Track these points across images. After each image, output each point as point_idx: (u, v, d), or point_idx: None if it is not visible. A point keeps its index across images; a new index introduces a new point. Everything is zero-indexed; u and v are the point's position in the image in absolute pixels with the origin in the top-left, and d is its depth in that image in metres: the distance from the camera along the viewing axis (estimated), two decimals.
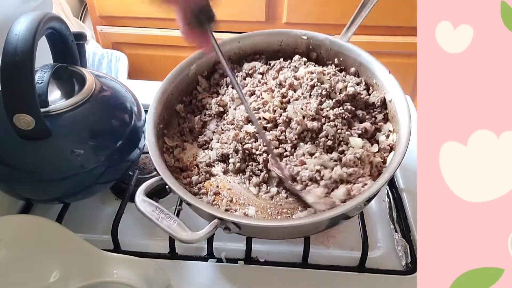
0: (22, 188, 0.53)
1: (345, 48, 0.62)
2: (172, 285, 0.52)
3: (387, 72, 0.57)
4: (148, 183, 0.50)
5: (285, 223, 0.48)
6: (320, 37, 0.64)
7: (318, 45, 0.65)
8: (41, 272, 0.50)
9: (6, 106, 0.46)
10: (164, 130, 0.60)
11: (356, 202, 0.46)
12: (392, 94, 0.56)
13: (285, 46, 0.67)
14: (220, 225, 0.46)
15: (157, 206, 0.46)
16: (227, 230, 0.48)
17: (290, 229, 0.49)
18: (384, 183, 0.47)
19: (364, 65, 0.60)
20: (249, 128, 0.56)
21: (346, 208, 0.46)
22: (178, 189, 0.49)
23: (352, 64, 0.62)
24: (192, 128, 0.61)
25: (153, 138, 0.55)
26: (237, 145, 0.55)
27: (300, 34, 0.65)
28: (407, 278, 0.53)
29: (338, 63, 0.64)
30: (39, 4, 0.68)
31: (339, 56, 0.63)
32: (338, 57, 0.63)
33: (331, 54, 0.64)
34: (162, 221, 0.45)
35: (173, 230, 0.44)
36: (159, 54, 1.52)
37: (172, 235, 0.44)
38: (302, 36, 0.65)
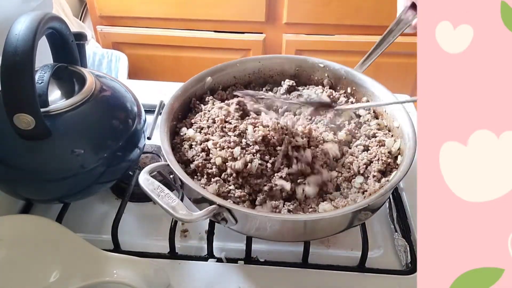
0: (22, 188, 0.53)
1: (358, 78, 0.67)
2: (172, 285, 0.52)
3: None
4: (154, 165, 0.52)
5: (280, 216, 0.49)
6: (336, 66, 0.69)
7: (333, 74, 0.69)
8: (41, 272, 0.50)
9: (6, 106, 0.46)
10: (176, 127, 0.62)
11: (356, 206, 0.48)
12: (400, 121, 0.59)
13: (301, 72, 0.72)
14: (217, 211, 0.47)
15: (159, 185, 0.48)
16: (224, 222, 0.48)
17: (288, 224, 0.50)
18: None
19: (375, 95, 0.64)
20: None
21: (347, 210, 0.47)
22: (182, 175, 0.50)
23: (364, 94, 0.66)
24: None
25: (165, 126, 0.57)
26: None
27: (317, 62, 0.70)
28: (407, 278, 0.53)
29: (350, 92, 0.68)
30: (39, 4, 0.68)
31: (352, 86, 0.68)
32: (351, 86, 0.68)
33: (345, 83, 0.69)
34: (162, 199, 0.47)
35: (172, 208, 0.46)
36: (159, 54, 1.52)
37: (170, 212, 0.45)
38: (319, 64, 0.70)
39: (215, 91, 0.68)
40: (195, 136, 0.58)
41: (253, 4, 1.41)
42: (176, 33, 1.48)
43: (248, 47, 1.50)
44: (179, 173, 0.51)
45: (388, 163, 0.56)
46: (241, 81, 0.71)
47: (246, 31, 1.49)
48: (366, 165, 0.56)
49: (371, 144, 0.59)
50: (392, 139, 0.59)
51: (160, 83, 0.89)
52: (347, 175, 0.56)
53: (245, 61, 0.71)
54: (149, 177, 0.49)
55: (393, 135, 0.61)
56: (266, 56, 0.73)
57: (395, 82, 1.50)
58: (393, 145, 0.58)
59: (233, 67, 0.70)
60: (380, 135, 0.60)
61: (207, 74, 0.67)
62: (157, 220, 0.61)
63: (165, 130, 0.57)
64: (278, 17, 1.45)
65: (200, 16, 1.45)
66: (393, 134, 0.61)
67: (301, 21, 1.44)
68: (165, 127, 0.57)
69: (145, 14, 1.46)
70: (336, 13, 1.41)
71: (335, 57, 1.44)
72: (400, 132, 0.59)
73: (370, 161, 0.57)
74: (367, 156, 0.57)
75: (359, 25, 1.43)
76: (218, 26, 1.48)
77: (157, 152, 0.69)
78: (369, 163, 0.57)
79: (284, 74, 0.72)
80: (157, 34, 1.49)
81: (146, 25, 1.49)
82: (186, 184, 0.50)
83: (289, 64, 0.71)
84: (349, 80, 0.68)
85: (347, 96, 0.68)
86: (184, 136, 0.59)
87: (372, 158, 0.57)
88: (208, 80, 0.66)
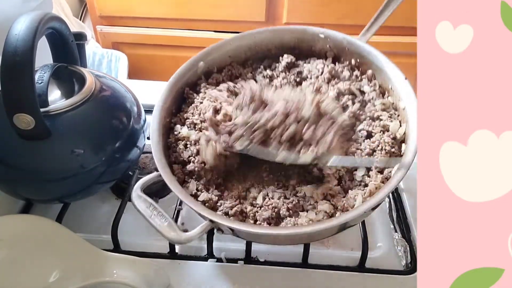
0: (22, 188, 0.53)
1: (362, 49, 0.60)
2: (172, 285, 0.52)
3: (403, 78, 0.56)
4: (146, 178, 0.50)
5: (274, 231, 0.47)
6: (338, 36, 0.63)
7: (335, 45, 0.63)
8: (41, 272, 0.50)
9: (6, 106, 0.46)
10: (171, 123, 0.59)
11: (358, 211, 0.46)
12: (406, 102, 0.54)
13: (301, 44, 0.65)
14: (212, 226, 0.46)
15: (151, 203, 0.47)
16: (220, 232, 0.48)
17: (281, 237, 0.49)
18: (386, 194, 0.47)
19: (380, 69, 0.59)
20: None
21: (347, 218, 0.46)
22: (174, 187, 0.49)
23: (369, 66, 0.61)
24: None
25: (156, 134, 0.54)
26: None
27: (317, 32, 0.64)
28: (407, 278, 0.53)
29: (355, 64, 0.62)
30: (39, 4, 0.68)
31: (356, 57, 0.62)
32: (355, 58, 0.62)
33: (348, 54, 0.63)
34: (154, 219, 0.46)
35: (163, 229, 0.45)
36: (159, 54, 1.52)
37: (162, 233, 0.45)
38: (320, 35, 0.64)
39: (210, 74, 0.64)
40: (189, 134, 0.56)
41: (253, 4, 1.41)
42: (176, 33, 1.48)
43: None
44: (172, 186, 0.49)
45: (392, 152, 0.53)
46: (237, 59, 0.65)
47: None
48: (369, 155, 0.53)
49: (374, 129, 0.55)
50: (397, 123, 0.55)
51: (160, 83, 0.88)
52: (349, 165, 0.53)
53: (240, 37, 0.65)
54: (141, 194, 0.48)
55: (399, 115, 0.56)
56: (262, 29, 0.66)
57: None
58: (397, 130, 0.54)
59: (227, 45, 0.64)
60: (385, 117, 0.56)
61: (199, 58, 0.62)
62: None
63: (157, 128, 0.54)
64: (278, 17, 1.45)
65: (200, 16, 1.45)
66: (399, 114, 0.56)
67: (301, 21, 1.44)
68: (156, 124, 0.54)
69: (145, 14, 1.46)
70: (336, 13, 1.41)
71: None
72: (405, 115, 0.54)
73: (373, 150, 0.53)
74: (369, 145, 0.53)
75: (359, 25, 1.42)
76: (218, 26, 1.48)
77: None
78: (372, 152, 0.53)
79: (283, 47, 0.65)
80: (157, 34, 1.49)
81: (146, 25, 1.49)
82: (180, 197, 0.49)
83: (288, 36, 0.65)
84: (353, 51, 0.61)
85: (352, 68, 0.62)
86: (179, 135, 0.57)
87: (375, 147, 0.53)
88: (201, 65, 0.62)
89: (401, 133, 0.53)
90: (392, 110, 0.57)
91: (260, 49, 0.66)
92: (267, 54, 0.66)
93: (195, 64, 0.62)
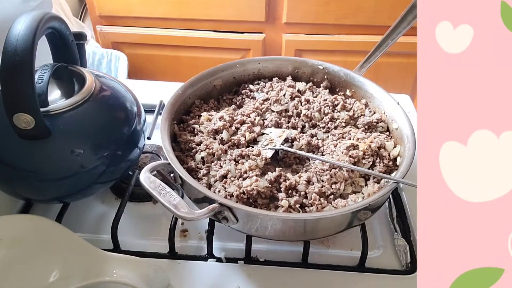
0: (22, 188, 0.53)
1: (357, 80, 0.68)
2: (172, 285, 0.52)
3: (395, 103, 0.62)
4: (155, 163, 0.52)
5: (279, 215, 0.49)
6: (335, 68, 0.70)
7: (332, 76, 0.71)
8: (41, 272, 0.50)
9: (6, 106, 0.46)
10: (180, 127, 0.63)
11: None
12: (399, 123, 0.60)
13: (301, 74, 0.73)
14: (219, 210, 0.47)
15: (160, 184, 0.48)
16: (225, 221, 0.48)
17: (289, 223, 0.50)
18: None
19: (374, 97, 0.66)
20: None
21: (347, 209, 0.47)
22: (181, 172, 0.51)
23: (363, 96, 0.67)
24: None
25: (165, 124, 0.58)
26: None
27: (317, 64, 0.71)
28: (407, 278, 0.53)
29: (349, 94, 0.69)
30: (39, 4, 0.68)
31: (351, 88, 0.69)
32: (350, 88, 0.69)
33: (344, 85, 0.70)
34: (163, 197, 0.46)
35: (173, 206, 0.46)
36: (159, 54, 1.52)
37: (172, 210, 0.45)
38: (319, 66, 0.71)
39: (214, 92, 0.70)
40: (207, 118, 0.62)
41: (252, 4, 1.41)
42: (176, 33, 1.48)
43: (247, 47, 1.51)
44: (180, 171, 0.51)
45: (388, 165, 0.57)
46: (241, 83, 0.72)
47: (245, 31, 1.49)
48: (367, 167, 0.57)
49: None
50: (392, 143, 0.60)
51: (160, 83, 0.89)
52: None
53: (245, 63, 0.72)
54: (150, 175, 0.49)
55: (392, 137, 0.61)
56: (265, 57, 0.74)
57: (395, 82, 1.51)
58: (392, 149, 0.59)
59: (233, 67, 0.71)
60: (382, 138, 0.61)
61: (209, 74, 0.68)
62: (156, 220, 0.61)
63: (166, 129, 0.57)
64: (277, 17, 1.45)
65: (200, 16, 1.45)
66: (392, 136, 0.62)
67: (301, 21, 1.44)
68: (165, 125, 0.58)
69: (145, 14, 1.46)
70: (336, 13, 1.41)
71: (335, 57, 1.45)
72: (399, 134, 0.59)
73: (372, 163, 0.58)
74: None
75: (359, 25, 1.43)
76: (217, 26, 1.48)
77: (157, 152, 0.69)
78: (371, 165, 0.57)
79: (283, 76, 0.72)
80: (156, 34, 1.49)
81: (145, 25, 1.49)
82: (186, 182, 0.50)
83: (289, 66, 0.72)
84: (348, 82, 0.69)
85: (346, 97, 0.69)
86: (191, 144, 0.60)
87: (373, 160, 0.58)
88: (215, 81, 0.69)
89: (396, 153, 0.58)
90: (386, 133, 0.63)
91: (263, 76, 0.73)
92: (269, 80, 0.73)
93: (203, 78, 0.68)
